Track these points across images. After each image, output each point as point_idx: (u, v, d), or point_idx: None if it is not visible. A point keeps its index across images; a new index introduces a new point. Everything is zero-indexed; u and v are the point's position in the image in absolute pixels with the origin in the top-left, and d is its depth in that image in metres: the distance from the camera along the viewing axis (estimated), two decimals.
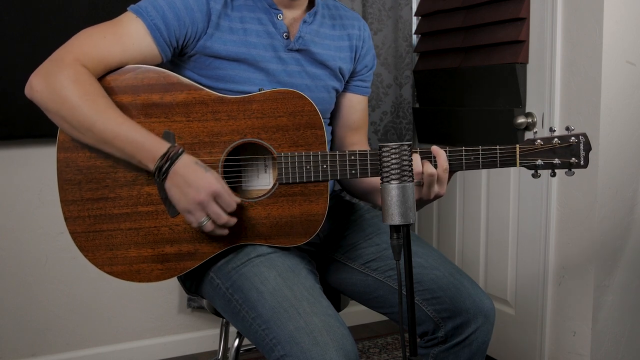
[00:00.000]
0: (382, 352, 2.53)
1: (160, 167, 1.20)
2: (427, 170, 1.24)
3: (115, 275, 1.31)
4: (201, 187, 1.19)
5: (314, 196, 1.30)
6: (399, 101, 2.66)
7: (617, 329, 1.99)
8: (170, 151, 1.21)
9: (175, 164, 1.20)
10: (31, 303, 2.31)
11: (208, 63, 1.34)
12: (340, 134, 1.57)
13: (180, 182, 1.20)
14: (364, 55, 1.54)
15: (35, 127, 2.17)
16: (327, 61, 1.44)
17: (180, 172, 1.20)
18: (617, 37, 1.85)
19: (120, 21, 1.30)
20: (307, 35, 1.42)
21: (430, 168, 1.24)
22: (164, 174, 1.21)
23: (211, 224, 1.22)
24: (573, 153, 1.30)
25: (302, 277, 1.27)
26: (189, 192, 1.20)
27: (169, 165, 1.20)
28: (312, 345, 1.13)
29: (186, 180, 1.20)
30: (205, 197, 1.19)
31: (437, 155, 1.26)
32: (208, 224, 1.22)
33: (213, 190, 1.19)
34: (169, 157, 1.20)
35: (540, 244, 2.09)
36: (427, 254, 1.42)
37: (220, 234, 1.25)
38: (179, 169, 1.20)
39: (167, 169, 1.20)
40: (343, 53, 1.48)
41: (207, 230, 1.23)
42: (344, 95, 1.55)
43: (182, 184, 1.20)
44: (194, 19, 1.30)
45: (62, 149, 1.27)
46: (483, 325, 1.35)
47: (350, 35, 1.50)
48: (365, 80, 1.57)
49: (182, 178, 1.20)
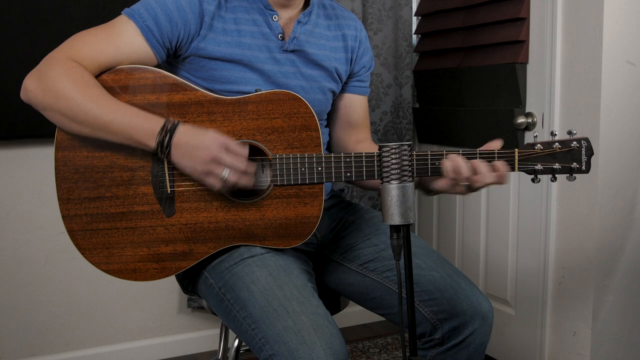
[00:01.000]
0: (382, 352, 2.53)
1: (162, 142, 1.21)
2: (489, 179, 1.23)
3: (112, 273, 1.32)
4: (209, 144, 1.19)
5: (309, 198, 1.30)
6: (399, 101, 2.66)
7: (617, 329, 1.98)
8: (167, 124, 1.22)
9: (175, 135, 1.21)
10: (31, 303, 2.32)
11: (202, 64, 1.34)
12: (342, 134, 1.57)
13: (187, 149, 1.21)
14: (361, 56, 1.53)
15: (35, 127, 2.17)
16: (322, 61, 1.44)
17: (183, 141, 1.21)
18: (617, 37, 1.84)
19: (112, 24, 1.31)
20: (301, 35, 1.41)
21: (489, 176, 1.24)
22: (167, 148, 1.21)
23: (234, 174, 1.20)
24: (574, 158, 1.26)
25: (294, 277, 1.27)
26: (199, 153, 1.20)
27: (170, 137, 1.21)
28: (299, 344, 1.13)
29: (192, 144, 1.20)
30: (217, 151, 1.19)
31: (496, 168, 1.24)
32: (231, 175, 1.20)
33: (221, 142, 1.20)
34: (167, 130, 1.21)
35: (540, 243, 2.09)
36: (425, 255, 1.41)
37: (246, 183, 1.23)
38: (181, 138, 1.21)
39: (169, 142, 1.21)
40: (338, 53, 1.48)
41: (232, 181, 1.20)
42: (343, 96, 1.55)
43: (189, 149, 1.20)
44: (186, 20, 1.31)
45: (59, 148, 1.28)
46: (480, 327, 1.34)
47: (346, 36, 1.50)
48: (364, 81, 1.57)
49: (187, 145, 1.20)
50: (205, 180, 1.22)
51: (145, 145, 1.23)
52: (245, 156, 1.22)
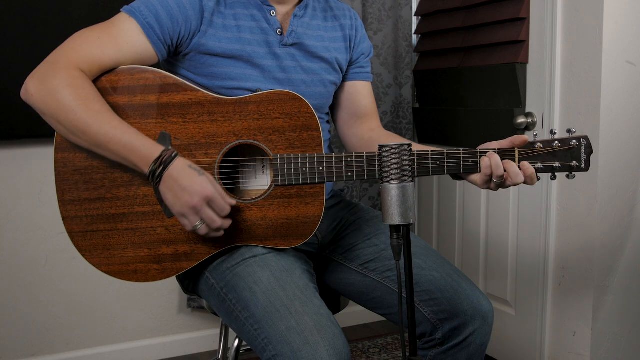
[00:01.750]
0: (382, 352, 2.53)
1: (154, 171, 1.20)
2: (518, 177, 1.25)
3: (112, 274, 1.31)
4: (195, 192, 1.19)
5: (310, 198, 1.30)
6: (399, 101, 2.66)
7: (617, 329, 1.98)
8: (163, 155, 1.20)
9: (168, 168, 1.20)
10: (31, 303, 2.32)
11: (203, 61, 1.34)
12: (353, 126, 1.57)
13: (174, 186, 1.20)
14: (359, 44, 1.54)
15: (35, 127, 2.17)
16: (322, 53, 1.44)
17: (174, 177, 1.20)
18: (617, 37, 1.84)
19: (113, 22, 1.30)
20: (299, 28, 1.42)
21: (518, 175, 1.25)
22: (158, 178, 1.21)
23: (205, 228, 1.22)
24: (574, 156, 1.27)
25: (296, 277, 1.27)
26: (183, 196, 1.19)
27: (163, 169, 1.20)
28: (302, 345, 1.13)
29: (180, 184, 1.19)
30: (199, 202, 1.19)
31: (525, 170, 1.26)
32: (202, 228, 1.22)
33: (206, 195, 1.19)
34: (162, 162, 1.20)
35: (540, 243, 2.09)
36: (425, 255, 1.41)
37: (214, 236, 1.25)
38: (173, 173, 1.20)
39: (161, 173, 1.20)
40: (337, 43, 1.49)
41: (201, 233, 1.23)
42: (347, 84, 1.55)
43: (175, 188, 1.20)
44: (187, 16, 1.31)
45: (59, 149, 1.28)
46: (481, 327, 1.34)
47: (343, 25, 1.51)
48: (365, 67, 1.57)
49: (176, 182, 1.20)
50: (179, 219, 1.23)
51: (138, 169, 1.23)
52: (227, 213, 1.22)
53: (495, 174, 1.24)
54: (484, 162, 1.26)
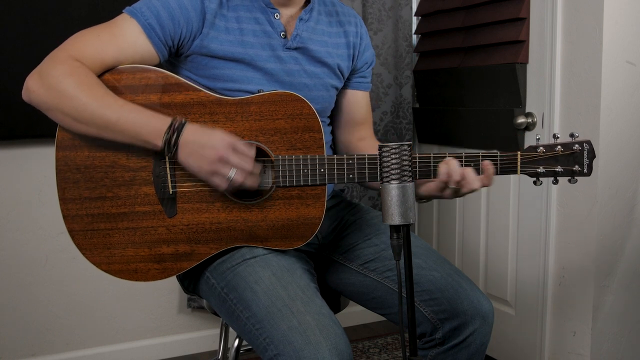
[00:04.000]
0: (382, 352, 2.53)
1: (169, 140, 1.20)
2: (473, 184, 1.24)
3: (113, 273, 1.31)
4: (216, 143, 1.19)
5: (311, 200, 1.30)
6: (399, 101, 2.66)
7: (617, 329, 1.98)
8: (174, 123, 1.21)
9: (182, 134, 1.21)
10: (31, 303, 2.32)
11: (205, 63, 1.34)
12: (345, 131, 1.57)
13: (194, 148, 1.20)
14: (363, 52, 1.53)
15: (35, 127, 2.17)
16: (325, 58, 1.44)
17: (191, 139, 1.20)
18: (617, 37, 1.84)
19: (115, 22, 1.31)
20: (304, 32, 1.41)
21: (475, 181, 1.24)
22: (174, 147, 1.21)
23: (240, 174, 1.20)
24: (576, 161, 1.26)
25: (297, 277, 1.27)
26: (207, 152, 1.19)
27: (177, 136, 1.20)
28: (304, 344, 1.13)
29: (200, 143, 1.20)
30: (224, 150, 1.19)
31: (486, 169, 1.26)
32: (237, 175, 1.20)
33: (228, 142, 1.20)
34: (175, 129, 1.21)
35: (540, 243, 2.09)
36: (425, 255, 1.41)
37: (251, 184, 1.23)
38: (189, 137, 1.21)
39: (177, 141, 1.21)
40: (340, 50, 1.48)
41: (238, 181, 1.21)
42: (346, 92, 1.55)
43: (197, 148, 1.20)
44: (189, 18, 1.31)
45: (60, 148, 1.27)
46: (481, 327, 1.34)
47: (347, 32, 1.50)
48: (366, 76, 1.57)
49: (195, 143, 1.20)
50: (211, 179, 1.22)
51: (152, 144, 1.22)
52: (252, 156, 1.22)
53: (453, 179, 1.23)
54: (441, 168, 1.25)
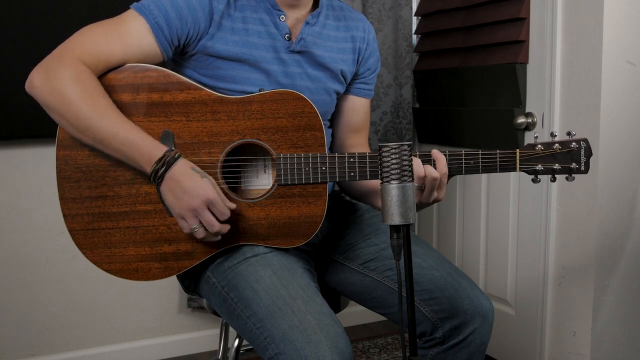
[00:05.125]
0: (382, 352, 2.53)
1: (156, 171, 1.20)
2: (431, 174, 1.24)
3: (113, 273, 1.31)
4: (196, 194, 1.19)
5: (313, 198, 1.30)
6: (399, 101, 2.66)
7: (617, 329, 1.98)
8: (166, 155, 1.21)
9: (171, 169, 1.20)
10: (31, 303, 2.32)
11: (209, 62, 1.34)
12: (341, 136, 1.57)
13: (175, 187, 1.20)
14: (367, 58, 1.52)
15: (35, 127, 2.17)
16: (329, 63, 1.43)
17: (176, 178, 1.20)
18: (617, 37, 1.84)
19: (122, 19, 1.30)
20: (308, 37, 1.41)
21: (433, 172, 1.25)
22: (160, 178, 1.21)
23: (203, 231, 1.22)
24: (574, 158, 1.29)
25: (298, 276, 1.27)
26: (184, 198, 1.20)
27: (165, 170, 1.20)
28: (305, 343, 1.13)
29: (181, 186, 1.20)
30: (199, 204, 1.19)
31: (437, 159, 1.27)
32: (200, 231, 1.22)
33: (207, 198, 1.19)
34: (165, 162, 1.20)
35: (540, 244, 2.09)
36: (425, 254, 1.41)
37: (211, 240, 1.26)
38: (175, 174, 1.20)
39: (163, 174, 1.21)
40: (345, 55, 1.47)
41: (199, 237, 1.23)
42: (346, 97, 1.54)
43: (177, 189, 1.20)
44: (196, 18, 1.30)
45: (61, 147, 1.27)
46: (481, 326, 1.34)
47: (354, 37, 1.49)
48: (368, 83, 1.56)
49: (178, 184, 1.20)
50: (178, 221, 1.24)
51: (141, 168, 1.23)
52: (226, 217, 1.23)
53: (417, 177, 1.24)
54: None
